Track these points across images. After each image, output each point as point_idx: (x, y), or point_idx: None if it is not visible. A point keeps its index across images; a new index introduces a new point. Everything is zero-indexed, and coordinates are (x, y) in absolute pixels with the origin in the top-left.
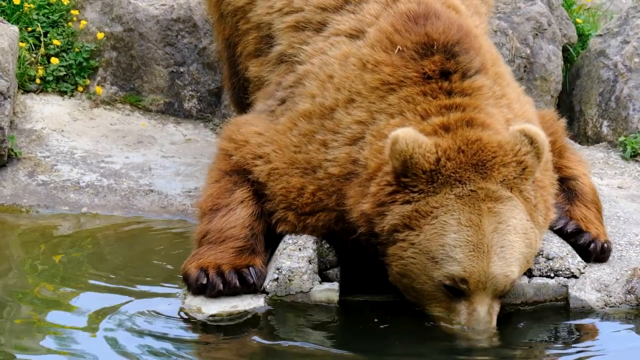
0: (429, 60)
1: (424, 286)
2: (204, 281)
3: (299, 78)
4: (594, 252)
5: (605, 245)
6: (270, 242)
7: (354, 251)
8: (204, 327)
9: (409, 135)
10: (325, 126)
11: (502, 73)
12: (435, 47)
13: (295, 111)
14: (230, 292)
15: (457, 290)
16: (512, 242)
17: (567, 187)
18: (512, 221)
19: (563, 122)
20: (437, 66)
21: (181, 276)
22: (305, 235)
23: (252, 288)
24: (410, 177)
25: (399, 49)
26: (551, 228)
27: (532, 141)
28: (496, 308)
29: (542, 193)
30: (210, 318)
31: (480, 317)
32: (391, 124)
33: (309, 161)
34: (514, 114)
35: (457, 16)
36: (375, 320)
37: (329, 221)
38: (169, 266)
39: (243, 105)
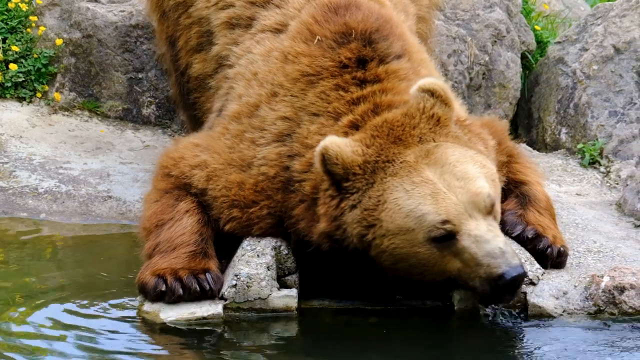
0: (346, 48)
1: (419, 256)
2: (163, 288)
3: (231, 83)
4: (550, 257)
5: (562, 249)
6: (226, 250)
7: (312, 256)
8: (161, 333)
9: (335, 140)
10: (252, 124)
11: (428, 60)
12: (353, 35)
13: (226, 115)
14: (190, 297)
15: (449, 234)
16: (464, 169)
17: (520, 192)
18: (452, 158)
19: (506, 123)
20: (354, 54)
21: (137, 287)
22: (263, 241)
23: (208, 294)
24: (350, 179)
25: (318, 39)
26: (509, 234)
27: (432, 93)
28: (494, 223)
29: (470, 128)
30: (168, 324)
31: (484, 237)
32: (312, 131)
33: (243, 158)
34: None
35: (378, 6)
36: (334, 326)
37: (274, 208)
38: (127, 272)
39: (190, 107)
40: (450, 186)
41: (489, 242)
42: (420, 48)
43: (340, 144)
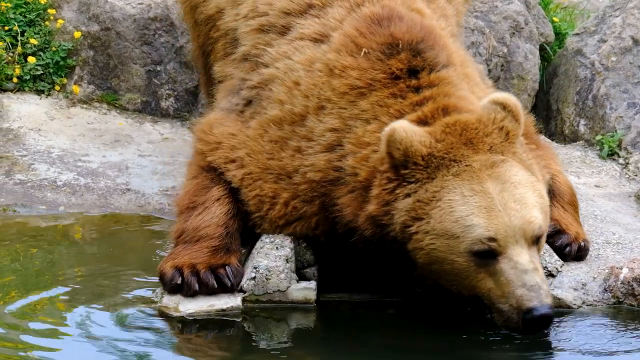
0: (395, 59)
1: (455, 265)
2: (179, 281)
3: (265, 81)
4: (569, 255)
5: (583, 244)
6: (249, 238)
7: (331, 249)
8: (181, 325)
9: (405, 125)
10: (297, 133)
11: (471, 74)
12: (400, 46)
13: (265, 116)
14: (208, 292)
15: (490, 252)
16: (523, 194)
17: None
18: (515, 178)
19: (531, 116)
20: (405, 64)
21: (157, 275)
22: (282, 234)
23: (228, 288)
24: (409, 167)
25: (365, 51)
26: None
27: (504, 106)
28: (536, 256)
29: (532, 154)
30: (187, 316)
31: (525, 266)
32: (369, 130)
33: (282, 167)
34: None
35: (420, 17)
36: (353, 318)
37: (307, 229)
38: (146, 265)
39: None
40: (506, 206)
41: (528, 273)
42: (463, 61)
43: (408, 131)
